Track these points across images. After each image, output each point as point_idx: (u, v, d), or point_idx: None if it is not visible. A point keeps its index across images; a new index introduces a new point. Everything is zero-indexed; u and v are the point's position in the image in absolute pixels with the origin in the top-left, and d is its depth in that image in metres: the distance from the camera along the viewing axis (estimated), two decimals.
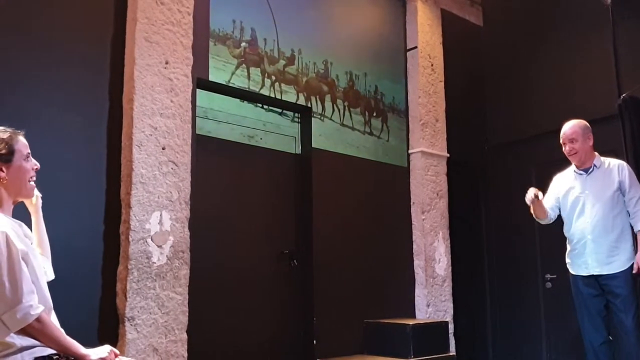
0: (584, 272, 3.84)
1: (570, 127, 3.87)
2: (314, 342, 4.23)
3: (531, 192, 3.83)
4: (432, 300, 4.98)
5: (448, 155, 5.36)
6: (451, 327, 4.95)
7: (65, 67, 3.26)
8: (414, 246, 5.08)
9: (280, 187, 4.38)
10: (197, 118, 3.79)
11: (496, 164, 5.85)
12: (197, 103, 3.81)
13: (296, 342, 4.28)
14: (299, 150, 4.54)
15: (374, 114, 5.03)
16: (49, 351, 1.91)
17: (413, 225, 5.11)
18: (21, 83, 3.09)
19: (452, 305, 5.13)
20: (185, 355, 3.41)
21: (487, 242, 5.81)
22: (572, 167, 3.95)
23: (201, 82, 3.86)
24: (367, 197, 4.83)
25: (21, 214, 2.13)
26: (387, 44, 5.24)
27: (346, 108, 4.81)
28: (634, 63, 4.77)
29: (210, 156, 3.92)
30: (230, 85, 4.06)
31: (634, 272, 3.65)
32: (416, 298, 4.99)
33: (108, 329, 3.19)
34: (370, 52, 5.08)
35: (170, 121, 3.51)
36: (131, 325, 3.19)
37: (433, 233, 5.12)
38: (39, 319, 1.87)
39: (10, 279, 1.83)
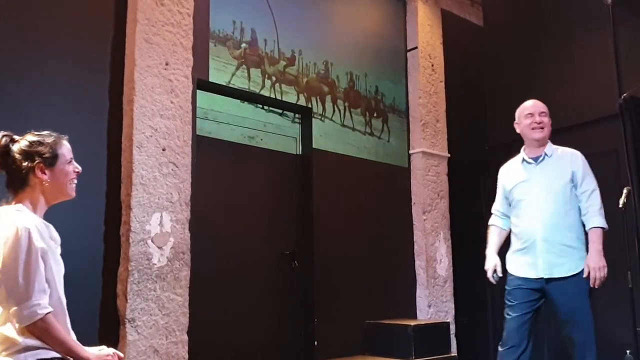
0: (531, 275, 3.31)
1: (538, 101, 3.51)
2: (315, 342, 4.23)
3: (490, 271, 3.43)
4: (434, 301, 4.98)
5: (449, 155, 5.35)
6: (452, 327, 4.94)
7: (65, 68, 3.26)
8: (415, 247, 5.07)
9: (281, 188, 4.38)
10: (197, 119, 3.79)
11: (497, 164, 5.84)
12: (198, 104, 3.81)
13: (297, 343, 4.27)
14: (299, 151, 4.54)
15: (375, 115, 5.02)
16: (52, 354, 1.92)
17: (414, 226, 5.10)
18: (21, 84, 3.09)
19: (453, 305, 5.13)
20: (186, 356, 3.41)
21: None
22: (520, 156, 3.50)
23: (201, 83, 3.85)
24: (368, 198, 4.82)
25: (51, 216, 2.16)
26: (387, 45, 5.24)
27: (347, 108, 4.80)
28: (634, 63, 4.75)
29: (211, 157, 3.92)
30: (231, 86, 4.05)
31: (584, 276, 3.17)
32: (417, 299, 4.99)
33: (109, 330, 3.18)
34: (370, 52, 5.08)
35: (171, 122, 3.51)
36: (132, 326, 3.18)
37: (434, 233, 5.11)
38: (44, 319, 1.88)
39: (24, 274, 1.87)
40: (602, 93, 4.90)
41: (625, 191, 3.75)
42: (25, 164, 2.01)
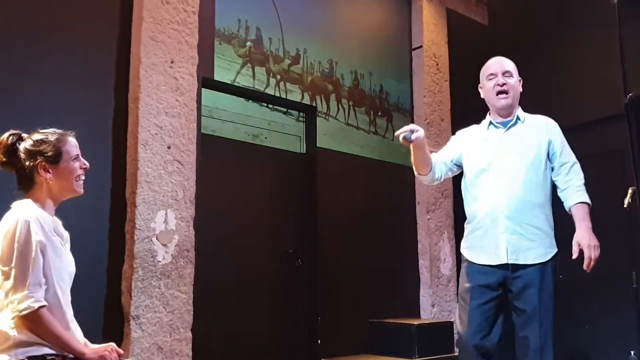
0: (492, 261, 2.72)
1: (503, 59, 2.98)
2: (319, 341, 4.23)
3: (405, 127, 2.66)
4: (437, 300, 4.97)
5: None
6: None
7: (70, 66, 3.27)
8: (419, 246, 5.07)
9: (285, 186, 4.38)
10: (202, 117, 3.79)
11: None
12: (203, 102, 3.82)
13: (301, 341, 4.27)
14: (303, 150, 4.54)
15: (379, 113, 5.02)
16: (45, 350, 1.90)
17: (418, 225, 5.10)
18: (26, 83, 3.10)
19: (457, 305, 5.12)
20: (190, 354, 3.41)
21: None
22: (487, 120, 2.97)
23: (206, 81, 3.86)
24: (372, 197, 4.82)
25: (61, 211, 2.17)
26: (392, 43, 5.24)
27: (351, 107, 4.80)
28: None
29: (215, 155, 3.93)
30: (236, 84, 4.06)
31: (573, 257, 2.64)
32: (421, 298, 4.99)
33: (113, 327, 3.19)
34: (375, 51, 5.07)
35: (176, 120, 3.52)
36: (136, 323, 3.19)
37: (438, 233, 5.11)
38: (37, 313, 1.87)
39: (21, 265, 1.87)
40: (607, 92, 4.86)
41: (630, 191, 3.71)
42: (28, 163, 2.02)
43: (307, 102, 4.49)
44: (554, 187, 2.83)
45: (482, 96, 3.01)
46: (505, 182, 2.75)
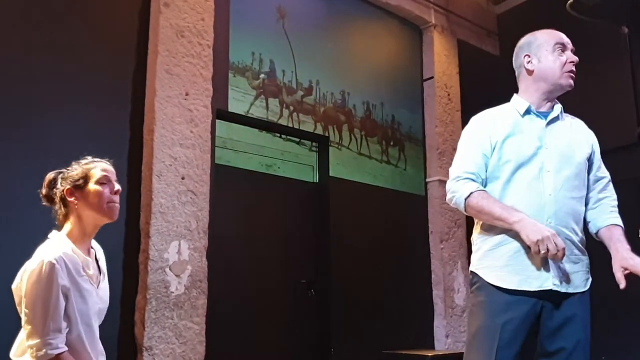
0: (528, 285, 2.10)
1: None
2: None
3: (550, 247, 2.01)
4: (451, 331, 4.91)
5: None
6: None
7: (87, 98, 3.34)
8: (433, 276, 5.03)
9: (298, 216, 4.39)
10: (216, 148, 3.83)
11: None
12: (217, 133, 3.86)
13: None
14: (316, 179, 4.56)
15: (391, 143, 5.04)
16: None
17: (431, 255, 5.06)
18: (44, 114, 3.16)
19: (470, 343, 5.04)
20: None
21: None
22: (515, 106, 2.37)
23: (220, 113, 3.91)
24: (385, 226, 4.81)
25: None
26: (403, 74, 5.28)
27: (363, 137, 4.83)
28: None
29: (229, 185, 3.95)
30: (249, 115, 4.11)
31: (621, 286, 2.08)
32: (435, 329, 4.93)
33: (126, 358, 3.19)
34: (387, 82, 5.12)
35: (190, 151, 3.56)
36: (149, 355, 3.18)
37: (452, 262, 5.07)
38: (57, 359, 1.86)
39: (42, 313, 1.86)
40: (620, 121, 4.88)
41: None
42: (59, 191, 2.06)
43: (320, 132, 4.53)
44: None
45: (525, 68, 2.42)
46: (551, 183, 2.19)
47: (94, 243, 2.18)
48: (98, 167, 2.11)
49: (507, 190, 2.22)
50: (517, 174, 2.21)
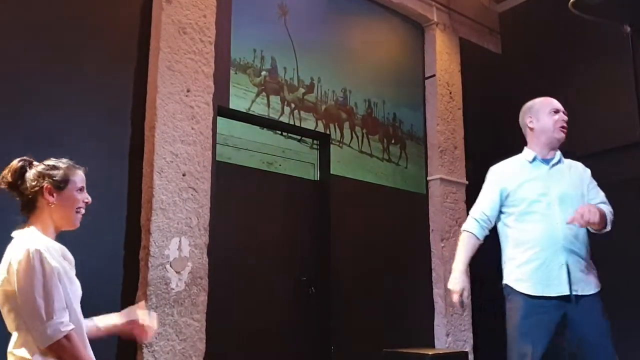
0: (552, 292, 2.79)
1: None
2: None
3: (456, 297, 2.94)
4: (452, 330, 4.91)
5: (467, 182, 5.33)
6: (471, 357, 4.86)
7: (88, 95, 3.33)
8: (433, 274, 5.03)
9: (299, 214, 4.39)
10: (217, 145, 3.83)
11: None
12: (218, 130, 3.86)
13: None
14: (317, 177, 4.56)
15: (393, 141, 5.04)
16: None
17: (432, 253, 5.06)
18: (44, 110, 3.16)
19: (472, 334, 5.05)
20: None
21: None
22: (525, 156, 3.07)
23: (222, 110, 3.91)
24: (386, 224, 4.81)
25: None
26: (405, 72, 5.28)
27: (365, 135, 4.82)
28: None
29: (230, 182, 3.95)
30: (251, 112, 4.10)
31: (567, 221, 2.78)
32: (435, 327, 4.93)
33: (126, 355, 3.19)
34: (388, 80, 5.11)
35: (191, 148, 3.56)
36: (149, 351, 3.19)
37: (452, 261, 5.04)
38: (68, 337, 1.88)
39: (44, 295, 1.87)
40: (623, 121, 4.87)
41: None
42: (35, 184, 2.04)
43: (321, 130, 4.52)
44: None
45: (529, 127, 3.09)
46: (559, 217, 2.85)
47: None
48: (79, 175, 2.14)
49: (524, 217, 2.92)
50: (531, 207, 2.91)
